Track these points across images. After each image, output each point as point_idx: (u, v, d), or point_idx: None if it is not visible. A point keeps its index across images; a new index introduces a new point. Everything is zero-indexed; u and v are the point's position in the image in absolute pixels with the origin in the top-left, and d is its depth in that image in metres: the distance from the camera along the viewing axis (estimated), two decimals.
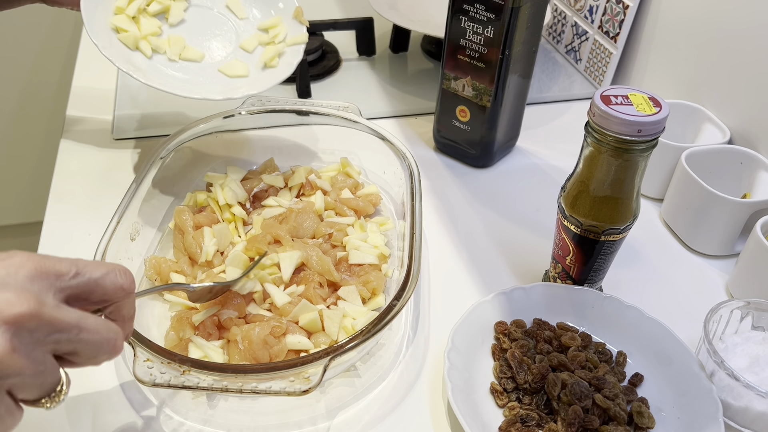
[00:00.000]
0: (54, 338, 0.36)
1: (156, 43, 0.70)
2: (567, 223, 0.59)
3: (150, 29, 0.70)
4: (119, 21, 0.68)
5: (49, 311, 0.35)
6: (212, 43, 0.74)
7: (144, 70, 0.68)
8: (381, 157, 0.74)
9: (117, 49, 0.67)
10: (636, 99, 0.53)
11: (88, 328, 0.37)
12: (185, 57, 0.71)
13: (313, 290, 0.60)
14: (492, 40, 0.72)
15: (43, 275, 0.36)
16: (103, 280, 0.39)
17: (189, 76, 0.71)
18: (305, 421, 0.54)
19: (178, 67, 0.71)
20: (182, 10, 0.73)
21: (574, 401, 0.52)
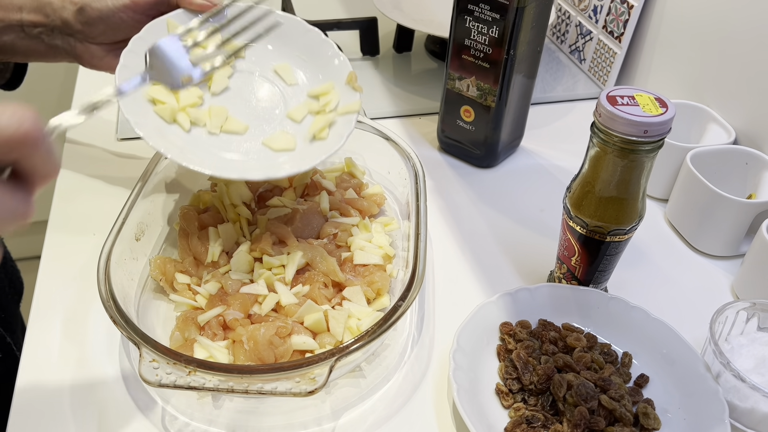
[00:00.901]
0: None
1: (195, 115, 0.62)
2: (572, 223, 0.59)
3: (189, 100, 0.62)
4: (156, 92, 0.61)
5: None
6: (258, 112, 0.66)
7: (180, 147, 0.60)
8: (385, 158, 0.74)
9: (152, 123, 0.60)
10: (642, 99, 0.53)
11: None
12: (227, 129, 0.63)
13: (318, 290, 0.60)
14: (497, 40, 0.72)
15: None
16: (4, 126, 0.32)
17: (230, 151, 0.62)
18: (310, 421, 0.54)
19: (218, 141, 0.62)
20: (226, 76, 0.65)
21: (580, 402, 0.52)
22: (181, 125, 0.61)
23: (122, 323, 0.50)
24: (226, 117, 0.64)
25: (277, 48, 0.69)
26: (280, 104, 0.67)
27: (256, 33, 0.66)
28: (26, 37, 0.60)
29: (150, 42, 0.59)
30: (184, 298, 0.59)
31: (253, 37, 0.66)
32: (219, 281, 0.60)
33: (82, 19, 0.59)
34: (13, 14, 0.59)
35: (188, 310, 0.58)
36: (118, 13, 0.60)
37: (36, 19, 0.59)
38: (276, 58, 0.68)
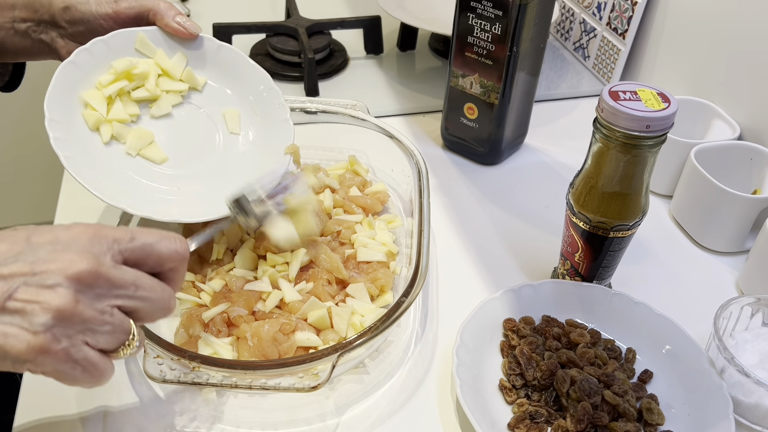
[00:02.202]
0: (114, 293, 0.40)
1: (119, 131, 0.60)
2: (576, 219, 0.59)
3: (118, 115, 0.61)
4: (91, 96, 0.60)
5: (107, 269, 0.40)
6: (187, 149, 0.64)
7: (89, 158, 0.58)
8: (389, 155, 0.74)
9: (72, 126, 0.58)
10: (644, 95, 0.53)
11: (144, 286, 0.42)
12: (144, 155, 0.61)
13: (322, 287, 0.60)
14: (500, 37, 0.72)
15: (101, 239, 0.41)
16: (158, 245, 0.43)
17: (138, 176, 0.60)
18: (314, 417, 0.54)
19: (131, 163, 0.60)
20: (171, 104, 0.64)
21: (583, 398, 0.52)
22: (101, 136, 0.60)
23: None
24: (150, 142, 0.62)
25: (235, 94, 0.67)
26: (213, 150, 0.65)
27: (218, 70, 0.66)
28: (15, 34, 0.61)
29: (111, 46, 0.60)
30: (189, 295, 0.59)
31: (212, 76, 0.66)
32: (223, 278, 0.60)
33: (67, 17, 0.61)
34: (6, 13, 0.60)
35: (193, 308, 0.59)
36: (99, 20, 0.61)
37: (26, 15, 0.61)
38: (230, 103, 0.67)
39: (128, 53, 0.62)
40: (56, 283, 0.38)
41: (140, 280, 0.42)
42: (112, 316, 0.40)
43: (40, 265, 0.38)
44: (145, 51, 0.63)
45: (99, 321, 0.40)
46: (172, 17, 0.63)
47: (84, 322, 0.39)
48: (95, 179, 0.57)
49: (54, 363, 0.39)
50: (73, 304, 0.38)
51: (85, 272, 0.39)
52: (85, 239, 0.40)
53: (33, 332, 0.37)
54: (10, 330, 0.37)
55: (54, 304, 0.38)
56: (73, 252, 0.39)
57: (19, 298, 0.37)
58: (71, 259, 0.39)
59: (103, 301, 0.40)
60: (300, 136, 0.79)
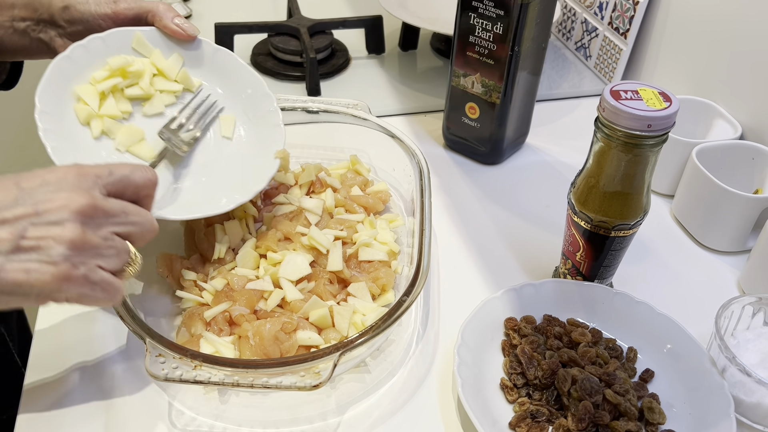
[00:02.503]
0: (110, 221, 0.45)
1: (110, 126, 0.61)
2: (577, 218, 0.59)
3: (110, 110, 0.61)
4: (84, 91, 0.60)
5: (100, 201, 0.45)
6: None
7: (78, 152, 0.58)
8: (390, 155, 0.74)
9: (63, 119, 0.59)
10: (646, 94, 0.53)
11: (130, 212, 0.47)
12: (133, 152, 0.61)
13: (323, 287, 0.60)
14: (501, 36, 0.72)
15: (86, 176, 0.45)
16: (133, 176, 0.48)
17: None
18: (316, 416, 0.54)
19: (118, 160, 0.60)
20: (164, 104, 0.64)
21: (585, 397, 0.52)
22: (91, 130, 0.60)
23: (129, 318, 0.51)
24: (140, 140, 0.62)
25: (229, 97, 0.67)
26: (203, 151, 0.65)
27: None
28: (15, 32, 0.61)
29: (108, 44, 0.61)
30: (191, 294, 0.59)
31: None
32: (225, 277, 0.60)
33: (66, 17, 0.61)
34: (6, 12, 0.61)
35: (194, 306, 0.59)
36: (98, 20, 0.61)
37: (25, 14, 0.61)
38: (224, 106, 0.67)
39: (125, 52, 0.63)
40: (62, 219, 0.42)
41: (127, 207, 0.47)
42: (114, 241, 0.45)
43: (42, 205, 0.42)
44: (141, 50, 0.64)
45: (105, 246, 0.45)
46: (171, 19, 0.63)
47: (93, 248, 0.44)
48: None
49: (77, 287, 0.43)
50: (82, 234, 0.43)
51: (84, 206, 0.43)
52: (72, 178, 0.44)
53: (53, 263, 0.42)
54: (32, 266, 0.41)
55: (66, 237, 0.42)
56: (66, 190, 0.43)
57: (31, 236, 0.42)
58: (69, 197, 0.43)
59: (103, 229, 0.45)
60: (302, 135, 0.80)
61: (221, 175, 0.64)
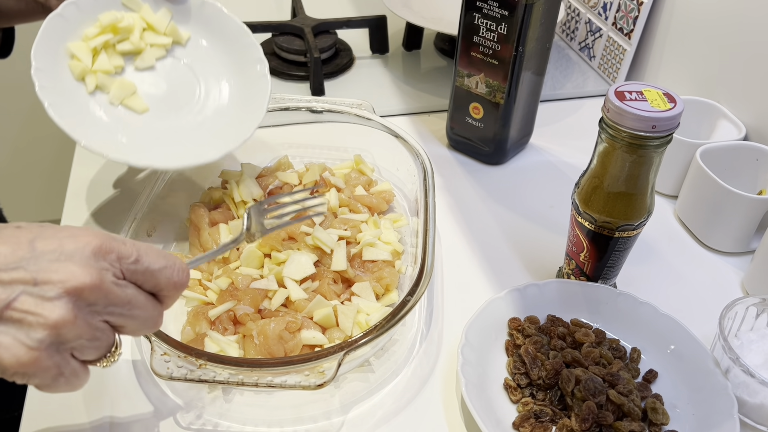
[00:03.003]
0: (109, 310, 0.40)
1: (103, 81, 0.63)
2: (581, 219, 0.59)
3: (104, 66, 0.63)
4: (77, 48, 0.62)
5: (108, 285, 0.40)
6: (168, 100, 0.67)
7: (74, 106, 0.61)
8: (394, 155, 0.74)
9: (56, 75, 0.61)
10: (650, 95, 0.53)
11: (138, 305, 0.42)
12: (127, 104, 0.64)
13: (328, 286, 0.60)
14: (505, 36, 0.72)
15: (106, 254, 0.40)
16: (159, 273, 0.43)
17: (117, 125, 0.63)
18: (320, 415, 0.54)
19: (112, 113, 0.63)
20: (155, 57, 0.67)
21: (588, 397, 0.52)
22: (86, 86, 0.63)
23: None
24: (133, 92, 0.65)
25: (216, 48, 0.71)
26: (193, 103, 0.68)
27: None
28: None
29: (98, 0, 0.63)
30: (195, 293, 0.60)
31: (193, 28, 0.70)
32: (229, 276, 0.60)
33: None
34: None
35: (199, 305, 0.59)
36: None
37: None
38: (211, 57, 0.70)
39: (115, 7, 0.65)
40: (56, 296, 0.38)
41: (136, 299, 0.42)
42: (102, 332, 0.41)
43: (42, 274, 0.38)
44: (131, 5, 0.66)
45: (90, 336, 0.40)
46: None
47: (76, 336, 0.39)
48: (78, 126, 0.59)
49: (41, 376, 0.39)
50: (71, 318, 0.38)
51: (86, 287, 0.38)
52: (89, 252, 0.39)
53: (28, 347, 0.37)
54: (6, 341, 0.37)
55: (52, 319, 0.37)
56: (76, 264, 0.39)
57: (18, 308, 0.37)
58: (74, 272, 0.38)
59: (96, 316, 0.40)
60: (306, 135, 0.80)
61: (211, 127, 0.67)
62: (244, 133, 0.66)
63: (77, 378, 0.41)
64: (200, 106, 0.68)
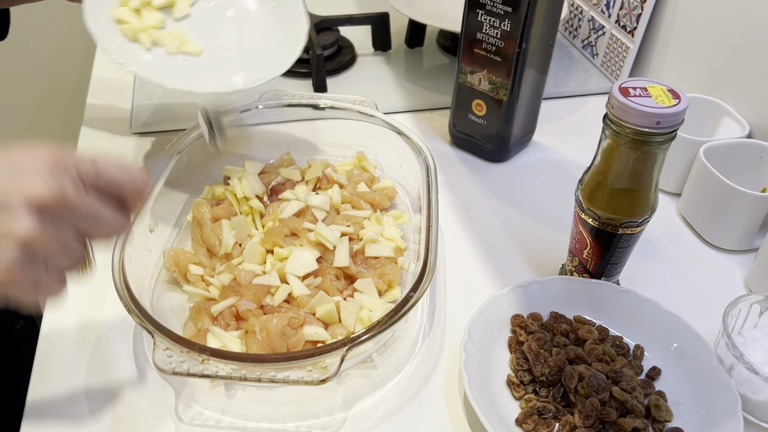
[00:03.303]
0: (74, 221, 0.41)
1: (156, 36, 0.68)
2: (584, 216, 0.59)
3: (151, 21, 0.68)
4: (121, 13, 0.67)
5: (70, 198, 0.40)
6: (214, 37, 0.71)
7: (139, 61, 0.66)
8: (397, 151, 0.74)
9: (115, 41, 0.66)
10: (655, 91, 0.52)
11: (103, 214, 0.42)
12: (183, 50, 0.69)
13: (330, 282, 0.60)
14: (509, 33, 0.72)
15: (63, 166, 0.40)
16: (119, 180, 0.43)
17: (185, 69, 0.68)
18: (322, 411, 0.54)
19: (175, 60, 0.68)
20: (188, 4, 0.71)
21: (591, 394, 0.52)
22: (142, 43, 0.67)
23: (136, 312, 0.51)
24: (184, 40, 0.69)
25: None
26: (235, 32, 0.72)
27: None
28: None
29: None
30: (198, 288, 0.59)
31: None
32: (232, 272, 0.60)
33: None
34: None
35: (201, 301, 0.59)
36: None
37: None
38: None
39: None
40: (21, 213, 0.38)
41: (100, 208, 0.42)
42: (72, 240, 0.41)
43: (2, 195, 0.38)
44: None
45: (60, 247, 0.40)
46: None
47: (47, 249, 0.39)
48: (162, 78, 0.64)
49: (20, 290, 0.40)
50: (39, 232, 0.38)
51: (50, 200, 0.39)
52: (45, 164, 0.39)
53: (2, 268, 0.38)
54: None
55: (21, 236, 0.38)
56: (35, 177, 0.39)
57: None
58: (35, 186, 0.38)
59: (63, 228, 0.40)
60: (308, 131, 0.80)
61: (258, 51, 0.71)
62: (282, 64, 0.70)
63: (53, 290, 0.42)
64: (242, 34, 0.72)
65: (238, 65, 0.70)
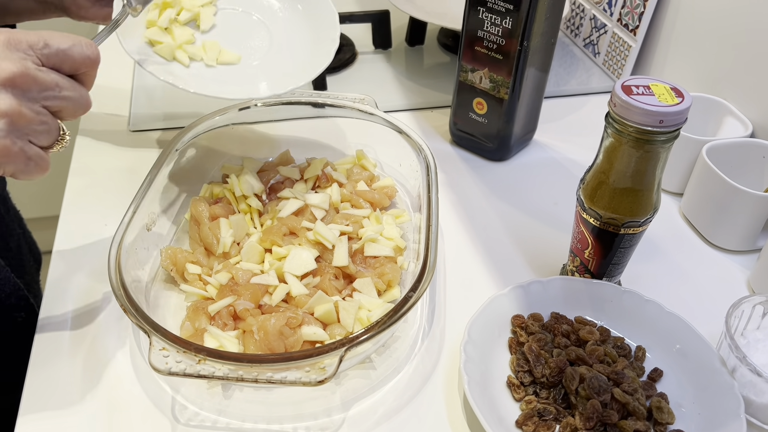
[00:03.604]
0: (43, 95, 0.44)
1: (192, 51, 0.69)
2: (586, 215, 0.58)
3: (184, 38, 0.69)
4: (153, 34, 0.68)
5: (33, 72, 0.43)
6: (247, 43, 0.73)
7: (185, 79, 0.67)
8: (397, 150, 0.73)
9: (155, 62, 0.67)
10: (658, 89, 0.52)
11: (64, 86, 0.45)
12: (222, 61, 0.70)
13: (329, 282, 0.59)
14: (510, 31, 0.71)
15: (17, 44, 0.43)
16: (71, 51, 0.46)
17: (229, 79, 0.69)
18: (320, 412, 0.53)
19: (216, 72, 0.69)
20: (212, 14, 0.72)
21: (593, 395, 0.51)
22: (181, 61, 0.68)
23: (132, 312, 0.50)
24: (220, 50, 0.70)
25: None
26: (264, 33, 0.73)
27: None
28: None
29: None
30: (195, 288, 0.59)
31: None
32: (230, 271, 0.60)
33: None
34: None
35: (199, 300, 0.58)
36: None
37: None
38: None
39: None
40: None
41: (61, 81, 0.45)
42: (46, 116, 0.45)
43: None
44: None
45: (37, 121, 0.44)
46: None
47: (28, 123, 0.43)
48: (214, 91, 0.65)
49: (15, 163, 0.44)
50: (18, 107, 0.42)
51: (17, 75, 0.42)
52: (1, 45, 0.42)
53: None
54: None
55: (2, 109, 0.41)
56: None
57: None
58: (2, 65, 0.41)
59: (35, 103, 0.44)
60: (308, 129, 0.79)
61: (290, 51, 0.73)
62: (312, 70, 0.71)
63: (44, 161, 0.46)
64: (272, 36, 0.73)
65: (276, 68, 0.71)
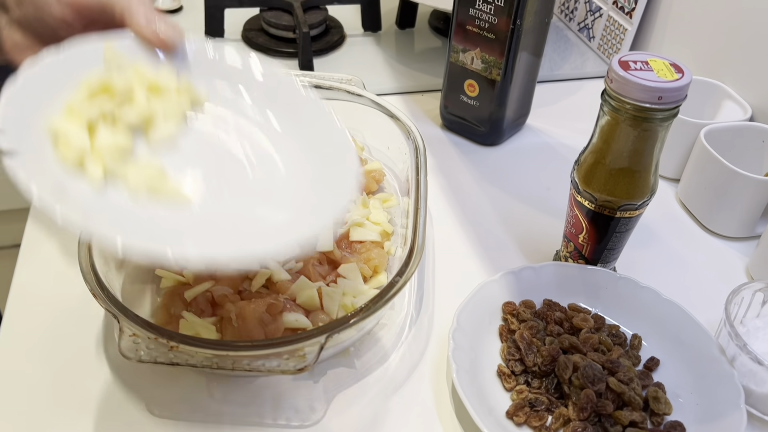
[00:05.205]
0: None
1: (113, 166, 0.42)
2: (580, 198, 0.56)
3: (112, 142, 0.43)
4: (64, 125, 0.42)
5: None
6: (214, 182, 0.46)
7: (81, 209, 0.39)
8: (385, 133, 0.71)
9: (41, 167, 0.40)
10: (656, 65, 0.50)
11: None
12: (162, 195, 0.43)
13: (312, 267, 0.57)
14: (503, 9, 0.68)
15: None
16: None
17: (157, 228, 0.41)
18: (302, 403, 0.51)
19: (141, 210, 0.42)
20: (173, 125, 0.46)
21: (587, 385, 0.49)
22: (90, 175, 0.41)
23: (102, 295, 0.47)
24: (162, 177, 0.43)
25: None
26: (247, 178, 0.47)
27: None
28: None
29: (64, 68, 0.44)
30: (170, 272, 0.56)
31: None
32: None
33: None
34: None
35: (174, 285, 0.56)
36: (55, 5, 0.47)
37: None
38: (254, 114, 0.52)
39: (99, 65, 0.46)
40: None
41: None
42: None
43: None
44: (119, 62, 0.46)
45: None
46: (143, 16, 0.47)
47: None
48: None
49: None
50: None
51: None
52: None
53: None
54: None
55: None
56: None
57: None
58: None
59: None
60: None
61: (282, 202, 0.47)
62: (319, 219, 0.46)
63: None
64: (258, 180, 0.47)
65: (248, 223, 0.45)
